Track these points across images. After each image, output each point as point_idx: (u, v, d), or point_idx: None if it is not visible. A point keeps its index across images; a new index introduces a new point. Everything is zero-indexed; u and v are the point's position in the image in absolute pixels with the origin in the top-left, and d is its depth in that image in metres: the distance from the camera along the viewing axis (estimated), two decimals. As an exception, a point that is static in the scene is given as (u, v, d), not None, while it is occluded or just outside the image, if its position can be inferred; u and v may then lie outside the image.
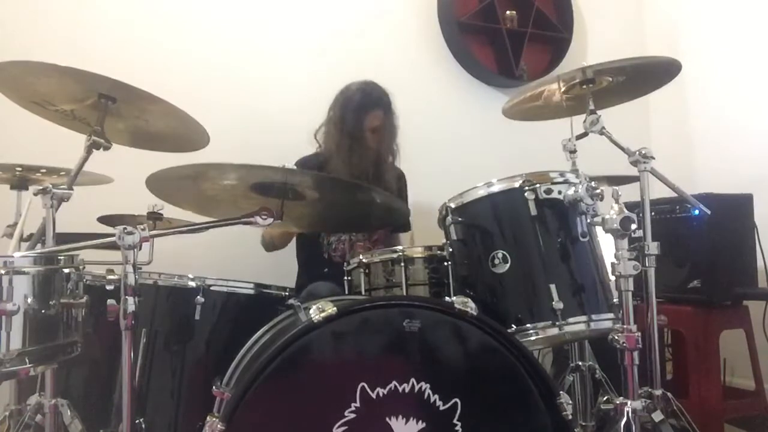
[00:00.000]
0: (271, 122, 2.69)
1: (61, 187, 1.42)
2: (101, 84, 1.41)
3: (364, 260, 1.76)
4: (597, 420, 1.97)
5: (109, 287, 1.27)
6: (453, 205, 1.64)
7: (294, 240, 2.44)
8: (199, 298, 1.66)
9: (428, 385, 1.27)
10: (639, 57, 1.69)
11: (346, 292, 1.83)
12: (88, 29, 2.51)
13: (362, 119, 2.25)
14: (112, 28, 2.54)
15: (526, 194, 1.53)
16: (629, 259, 1.40)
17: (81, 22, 2.51)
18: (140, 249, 1.25)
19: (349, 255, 2.29)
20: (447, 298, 1.39)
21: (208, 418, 1.31)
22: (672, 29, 3.37)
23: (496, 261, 1.54)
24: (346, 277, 1.84)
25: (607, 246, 1.50)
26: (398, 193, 2.42)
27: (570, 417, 1.32)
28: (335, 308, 1.26)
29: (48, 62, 1.35)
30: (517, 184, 1.56)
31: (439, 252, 1.72)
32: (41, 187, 1.40)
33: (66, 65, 1.35)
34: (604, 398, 1.94)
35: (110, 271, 1.36)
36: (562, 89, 1.75)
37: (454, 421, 1.28)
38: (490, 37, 3.23)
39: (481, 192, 1.60)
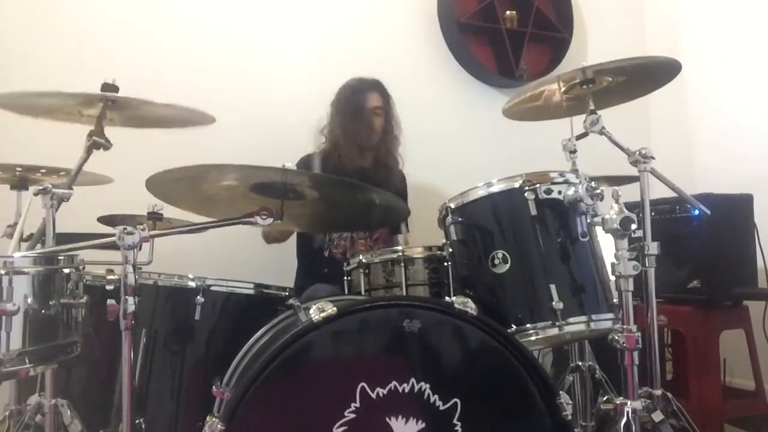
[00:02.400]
0: (271, 122, 2.70)
1: (62, 187, 1.42)
2: (104, 100, 1.42)
3: (363, 260, 1.76)
4: (597, 420, 1.97)
5: (109, 287, 1.27)
6: (453, 205, 1.64)
7: (294, 238, 2.44)
8: (199, 298, 1.65)
9: (428, 385, 1.27)
10: (639, 57, 1.69)
11: (346, 292, 1.83)
12: (88, 29, 2.50)
13: (362, 99, 2.39)
14: (112, 28, 2.54)
15: (526, 194, 1.53)
16: (629, 259, 1.40)
17: (81, 22, 2.51)
18: (140, 249, 1.25)
19: (350, 252, 2.30)
20: (447, 298, 1.39)
21: (208, 418, 1.31)
22: (672, 29, 3.37)
23: (496, 261, 1.54)
24: (345, 277, 1.84)
25: (607, 246, 1.50)
26: (400, 193, 2.43)
27: (570, 417, 1.32)
28: (335, 308, 1.26)
29: (51, 90, 1.35)
30: (517, 184, 1.55)
31: (439, 252, 1.72)
32: (41, 187, 1.40)
33: (70, 91, 1.35)
34: (604, 398, 1.93)
35: (110, 271, 1.36)
36: (562, 89, 1.74)
37: (454, 421, 1.28)
38: (490, 37, 3.23)
39: (481, 192, 1.60)
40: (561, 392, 1.34)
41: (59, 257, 1.26)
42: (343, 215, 1.85)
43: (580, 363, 2.02)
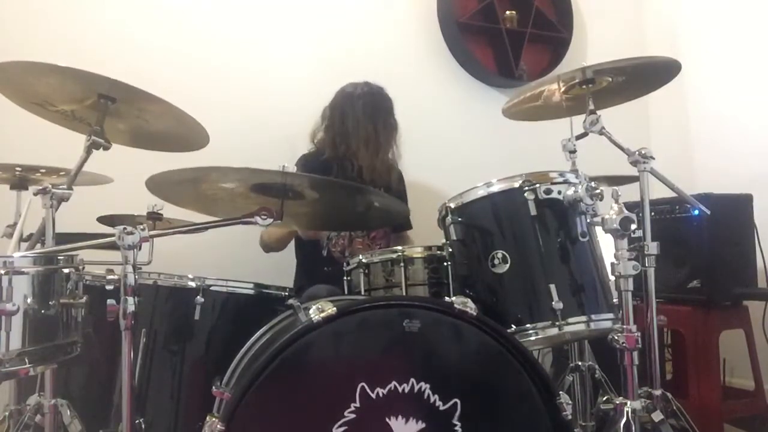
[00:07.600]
0: (270, 122, 2.69)
1: (61, 187, 1.42)
2: (100, 84, 1.41)
3: (363, 260, 1.76)
4: (597, 420, 1.97)
5: (108, 287, 1.27)
6: (453, 205, 1.64)
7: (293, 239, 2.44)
8: (199, 298, 1.66)
9: (428, 385, 1.27)
10: (639, 57, 1.69)
11: (346, 292, 1.83)
12: (87, 29, 2.50)
13: (357, 131, 2.29)
14: (112, 28, 2.54)
15: (525, 194, 1.53)
16: (629, 259, 1.40)
17: (80, 22, 2.50)
18: (140, 249, 1.25)
19: (348, 250, 2.30)
20: (447, 298, 1.39)
21: (207, 418, 1.31)
22: (672, 29, 3.37)
23: (496, 261, 1.54)
24: (345, 277, 1.84)
25: (607, 246, 1.50)
26: (399, 195, 2.42)
27: (570, 417, 1.32)
28: (335, 308, 1.26)
29: (48, 62, 1.35)
30: (516, 184, 1.55)
31: (438, 252, 1.72)
32: (41, 187, 1.40)
33: (66, 65, 1.35)
34: (604, 398, 1.94)
35: (110, 271, 1.36)
36: (562, 89, 1.75)
37: (454, 421, 1.28)
38: (489, 37, 3.22)
39: (481, 192, 1.60)
40: (561, 392, 1.34)
41: (59, 257, 1.26)
42: (343, 215, 1.85)
43: (580, 363, 2.02)
